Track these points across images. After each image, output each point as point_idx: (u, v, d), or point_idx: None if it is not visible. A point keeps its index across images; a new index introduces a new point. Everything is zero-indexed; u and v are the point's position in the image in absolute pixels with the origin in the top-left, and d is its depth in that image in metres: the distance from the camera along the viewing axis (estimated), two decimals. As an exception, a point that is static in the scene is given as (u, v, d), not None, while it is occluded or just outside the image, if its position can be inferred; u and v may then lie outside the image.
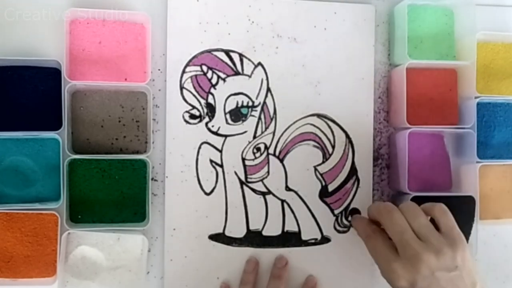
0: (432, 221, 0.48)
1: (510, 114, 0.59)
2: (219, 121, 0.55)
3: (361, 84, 0.58)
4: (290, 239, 0.57)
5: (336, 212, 0.57)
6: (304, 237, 0.57)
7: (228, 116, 0.55)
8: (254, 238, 0.56)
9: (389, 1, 0.59)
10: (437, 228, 0.48)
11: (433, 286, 0.45)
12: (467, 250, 0.46)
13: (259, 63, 0.56)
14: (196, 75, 0.55)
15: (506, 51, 0.60)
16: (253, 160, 0.56)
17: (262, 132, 0.56)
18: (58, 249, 0.52)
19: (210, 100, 0.55)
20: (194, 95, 0.55)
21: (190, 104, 0.55)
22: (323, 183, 0.57)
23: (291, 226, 0.57)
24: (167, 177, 0.55)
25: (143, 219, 0.54)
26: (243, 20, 0.56)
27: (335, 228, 0.57)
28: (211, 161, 0.55)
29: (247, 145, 0.56)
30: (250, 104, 0.56)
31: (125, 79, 0.53)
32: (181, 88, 0.55)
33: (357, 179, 0.58)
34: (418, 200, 0.54)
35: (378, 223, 0.50)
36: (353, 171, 0.58)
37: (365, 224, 0.51)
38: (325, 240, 0.57)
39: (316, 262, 0.57)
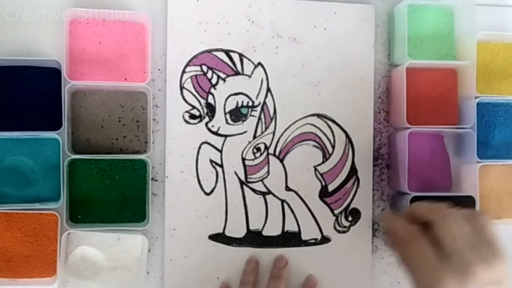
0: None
1: (510, 114, 0.59)
2: (219, 121, 0.55)
3: (361, 84, 0.58)
4: (290, 239, 0.57)
5: (336, 212, 0.57)
6: (304, 237, 0.57)
7: (228, 116, 0.55)
8: (254, 238, 0.56)
9: (389, 1, 0.59)
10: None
11: None
12: (508, 264, 0.43)
13: (259, 63, 0.56)
14: (196, 75, 0.55)
15: (506, 51, 0.60)
16: (253, 160, 0.56)
17: (262, 132, 0.56)
18: (58, 249, 0.52)
19: (210, 100, 0.55)
20: (194, 95, 0.55)
21: (190, 104, 0.55)
22: (323, 183, 0.57)
23: (291, 226, 0.57)
24: (167, 177, 0.55)
25: (143, 219, 0.54)
26: (243, 20, 0.56)
27: (335, 228, 0.57)
28: (211, 161, 0.55)
29: (247, 145, 0.56)
30: (250, 104, 0.56)
31: (125, 79, 0.53)
32: (181, 88, 0.55)
33: (357, 179, 0.58)
34: (418, 200, 0.54)
35: (419, 224, 0.45)
36: (353, 171, 0.58)
37: (404, 224, 0.46)
38: (325, 240, 0.57)
39: (316, 262, 0.57)
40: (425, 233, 0.44)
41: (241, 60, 0.56)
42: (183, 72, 0.55)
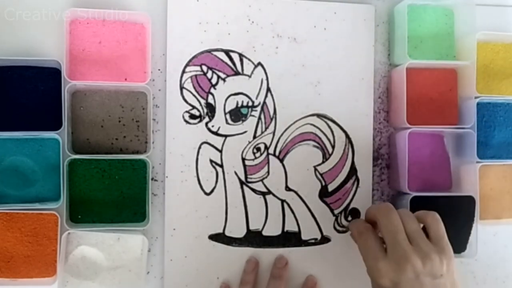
0: (424, 230, 0.48)
1: (510, 114, 0.59)
2: (219, 121, 0.55)
3: (361, 84, 0.58)
4: (290, 239, 0.57)
5: (336, 212, 0.57)
6: (304, 237, 0.57)
7: (228, 116, 0.55)
8: (254, 238, 0.56)
9: (389, 1, 0.59)
10: (427, 236, 0.48)
11: None
12: (453, 262, 0.47)
13: (259, 63, 0.56)
14: (196, 75, 0.55)
15: (506, 51, 0.60)
16: (253, 160, 0.56)
17: (262, 132, 0.56)
18: (58, 249, 0.52)
19: (210, 100, 0.55)
20: (194, 95, 0.55)
21: (190, 104, 0.55)
22: (323, 183, 0.57)
23: (291, 226, 0.57)
24: (167, 177, 0.55)
25: (143, 219, 0.54)
26: (243, 20, 0.56)
27: (335, 228, 0.57)
28: (211, 161, 0.55)
29: (247, 145, 0.56)
30: (250, 104, 0.56)
31: (125, 79, 0.53)
32: (181, 88, 0.55)
33: (357, 179, 0.58)
34: (418, 200, 0.54)
35: (373, 224, 0.51)
36: (353, 171, 0.58)
37: (359, 222, 0.52)
38: (325, 240, 0.57)
39: (316, 262, 0.57)
40: (374, 231, 0.49)
41: (241, 60, 0.56)
42: (183, 72, 0.55)
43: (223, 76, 0.55)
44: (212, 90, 0.55)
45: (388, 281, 0.46)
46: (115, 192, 0.53)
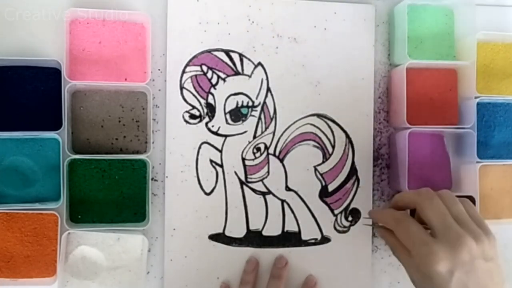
0: None
1: (510, 114, 0.59)
2: (219, 121, 0.55)
3: (361, 84, 0.58)
4: (290, 239, 0.57)
5: (336, 212, 0.57)
6: (304, 237, 0.57)
7: (228, 116, 0.55)
8: (254, 238, 0.56)
9: (389, 1, 0.59)
10: None
11: (471, 274, 0.43)
12: (497, 244, 0.45)
13: (259, 63, 0.56)
14: (196, 75, 0.55)
15: (506, 51, 0.60)
16: (253, 160, 0.56)
17: (262, 132, 0.56)
18: (58, 249, 0.52)
19: (210, 100, 0.55)
20: (194, 95, 0.55)
21: (190, 104, 0.55)
22: (323, 183, 0.57)
23: (291, 226, 0.57)
24: (167, 177, 0.55)
25: (143, 219, 0.54)
26: (243, 20, 0.56)
27: (335, 228, 0.57)
28: (211, 161, 0.55)
29: (247, 145, 0.56)
30: (250, 104, 0.56)
31: (125, 79, 0.53)
32: (181, 88, 0.55)
33: (357, 179, 0.58)
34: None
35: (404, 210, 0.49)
36: (353, 171, 0.58)
37: (390, 211, 0.49)
38: (325, 240, 0.57)
39: (316, 262, 0.57)
40: (411, 216, 0.47)
41: (241, 60, 0.56)
42: (183, 72, 0.55)
43: (223, 76, 0.55)
44: (212, 90, 0.55)
45: (444, 266, 0.42)
46: (115, 192, 0.53)
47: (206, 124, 0.55)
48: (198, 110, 0.55)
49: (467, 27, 0.57)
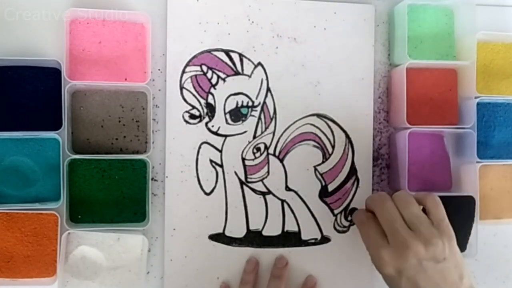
0: (424, 211, 0.48)
1: (510, 114, 0.59)
2: (219, 121, 0.55)
3: (361, 84, 0.58)
4: (290, 239, 0.57)
5: (336, 212, 0.57)
6: (304, 237, 0.57)
7: (228, 116, 0.55)
8: (254, 238, 0.56)
9: (389, 1, 0.59)
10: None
11: (420, 275, 0.45)
12: (455, 243, 0.47)
13: (259, 63, 0.56)
14: (196, 75, 0.55)
15: (506, 51, 0.60)
16: (253, 160, 0.56)
17: (262, 132, 0.56)
18: (58, 249, 0.52)
19: (210, 100, 0.55)
20: (194, 95, 0.55)
21: (190, 104, 0.55)
22: (323, 183, 0.57)
23: (291, 226, 0.57)
24: (167, 177, 0.55)
25: (143, 219, 0.54)
26: (243, 20, 0.56)
27: (335, 228, 0.57)
28: (211, 161, 0.55)
29: (247, 145, 0.56)
30: (250, 104, 0.56)
31: (125, 79, 0.53)
32: (181, 88, 0.55)
33: (357, 179, 0.58)
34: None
35: (374, 212, 0.50)
36: (353, 171, 0.58)
37: (360, 212, 0.52)
38: (325, 240, 0.57)
39: (316, 262, 0.57)
40: (376, 220, 0.49)
41: (241, 60, 0.56)
42: (183, 72, 0.55)
43: (223, 76, 0.55)
44: (212, 90, 0.55)
45: (391, 269, 0.46)
46: (115, 192, 0.53)
47: (206, 124, 0.55)
48: (198, 110, 0.55)
49: (467, 27, 0.57)
